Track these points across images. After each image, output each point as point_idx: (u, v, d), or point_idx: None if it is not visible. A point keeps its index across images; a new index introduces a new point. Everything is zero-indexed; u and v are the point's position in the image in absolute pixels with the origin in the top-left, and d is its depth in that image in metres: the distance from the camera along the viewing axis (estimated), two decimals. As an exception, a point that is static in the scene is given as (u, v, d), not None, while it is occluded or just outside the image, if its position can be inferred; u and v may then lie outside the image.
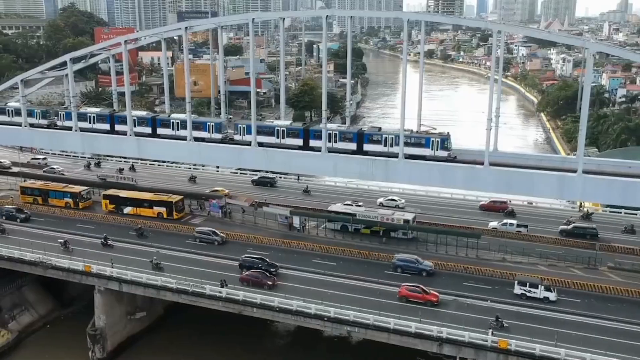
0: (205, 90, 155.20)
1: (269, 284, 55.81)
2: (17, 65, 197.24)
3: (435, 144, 61.38)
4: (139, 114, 76.52)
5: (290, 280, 57.91)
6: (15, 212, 74.98)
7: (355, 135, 64.49)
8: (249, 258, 60.11)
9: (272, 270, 58.21)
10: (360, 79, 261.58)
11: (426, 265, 59.08)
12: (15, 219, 73.95)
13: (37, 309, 68.44)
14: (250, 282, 56.22)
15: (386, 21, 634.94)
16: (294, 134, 66.49)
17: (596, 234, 66.97)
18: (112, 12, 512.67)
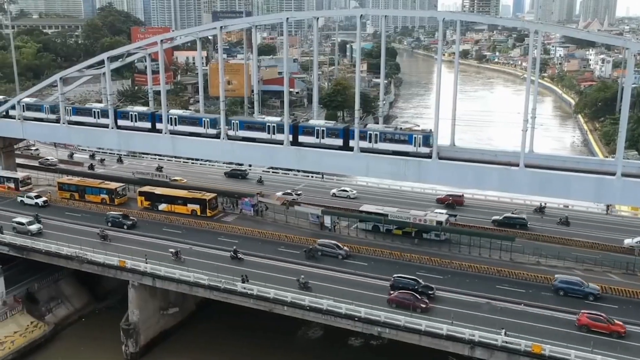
0: (238, 89, 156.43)
1: (421, 306, 50.87)
2: (56, 63, 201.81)
3: (418, 141, 62.90)
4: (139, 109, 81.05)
5: (319, 279, 57.61)
6: (121, 219, 72.22)
7: (341, 132, 66.59)
8: (401, 278, 54.32)
9: (430, 293, 53.24)
10: (393, 79, 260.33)
11: (593, 289, 53.29)
12: (122, 225, 71.45)
13: (73, 302, 69.90)
14: (400, 304, 51.40)
15: (420, 21, 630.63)
16: (283, 130, 68.34)
17: (525, 224, 69.81)
18: (148, 12, 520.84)
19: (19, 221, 70.16)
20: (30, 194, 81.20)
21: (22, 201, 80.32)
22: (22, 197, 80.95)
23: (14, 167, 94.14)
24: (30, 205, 79.24)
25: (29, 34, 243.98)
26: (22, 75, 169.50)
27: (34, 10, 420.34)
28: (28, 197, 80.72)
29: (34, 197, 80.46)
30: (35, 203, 79.23)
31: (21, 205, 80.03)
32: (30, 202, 79.69)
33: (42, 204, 79.44)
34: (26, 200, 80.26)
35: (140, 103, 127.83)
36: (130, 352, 60.25)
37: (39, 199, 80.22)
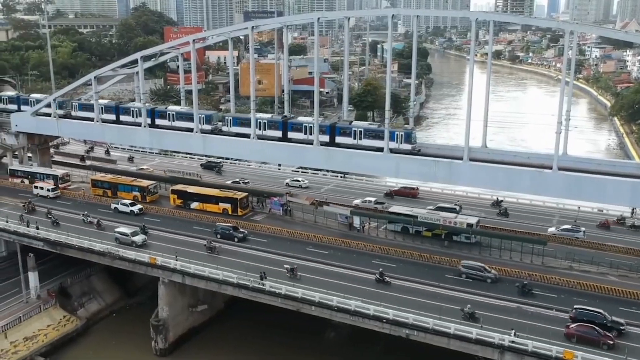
0: (269, 89, 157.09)
1: (608, 343, 45.72)
2: (90, 62, 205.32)
3: (400, 137, 64.93)
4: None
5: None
6: (232, 231, 68.02)
7: (328, 128, 68.74)
8: (584, 311, 49.12)
9: (621, 329, 47.86)
10: (424, 79, 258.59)
11: None
12: (232, 238, 67.18)
13: (104, 297, 71.06)
14: (582, 338, 46.25)
15: (452, 21, 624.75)
16: (274, 126, 71.07)
17: (457, 212, 71.97)
18: (181, 12, 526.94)
19: (122, 232, 66.55)
20: (124, 201, 77.58)
21: (117, 208, 76.78)
22: (117, 204, 77.53)
23: (49, 163, 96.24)
24: (125, 213, 75.83)
25: (65, 33, 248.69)
26: (58, 74, 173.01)
27: (70, 10, 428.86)
28: (122, 204, 77.22)
29: (129, 205, 76.90)
30: (130, 211, 75.87)
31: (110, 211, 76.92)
32: (125, 209, 76.25)
33: (137, 212, 75.84)
34: (120, 207, 76.76)
35: (172, 102, 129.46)
36: (159, 348, 60.95)
37: (134, 206, 76.68)
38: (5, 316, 61.82)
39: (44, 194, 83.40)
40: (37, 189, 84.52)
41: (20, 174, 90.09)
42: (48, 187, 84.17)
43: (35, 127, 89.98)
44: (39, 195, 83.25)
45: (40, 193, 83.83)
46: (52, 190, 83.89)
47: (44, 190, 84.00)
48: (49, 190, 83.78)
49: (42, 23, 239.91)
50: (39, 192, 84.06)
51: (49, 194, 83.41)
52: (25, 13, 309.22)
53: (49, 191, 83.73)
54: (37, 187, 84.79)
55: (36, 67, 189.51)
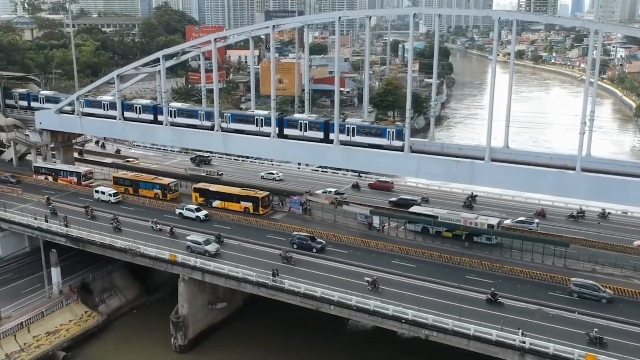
0: (289, 88, 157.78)
1: None
2: (113, 61, 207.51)
3: (391, 134, 66.37)
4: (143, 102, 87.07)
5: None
6: (309, 241, 64.47)
7: (322, 125, 70.52)
8: None
9: None
10: (446, 79, 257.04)
11: None
12: (310, 248, 63.73)
13: (125, 294, 71.78)
14: None
15: (474, 20, 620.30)
16: (270, 123, 72.30)
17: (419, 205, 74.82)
18: (202, 11, 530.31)
19: (194, 240, 63.66)
20: (190, 207, 74.49)
21: (181, 214, 74.03)
22: (181, 209, 74.56)
23: (72, 161, 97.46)
24: (190, 218, 73.13)
25: (89, 32, 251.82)
26: (81, 72, 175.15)
27: (94, 9, 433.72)
28: (188, 209, 74.11)
29: (194, 210, 73.88)
30: (196, 217, 73.19)
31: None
32: (191, 215, 73.32)
33: (203, 218, 73.09)
34: (185, 213, 73.75)
35: (193, 101, 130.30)
36: (179, 344, 61.40)
37: (199, 212, 73.78)
38: (29, 311, 62.74)
39: (105, 199, 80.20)
40: (97, 194, 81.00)
41: (44, 170, 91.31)
42: (110, 191, 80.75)
43: (58, 125, 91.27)
44: (99, 200, 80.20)
45: (102, 198, 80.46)
46: (114, 195, 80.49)
47: (105, 195, 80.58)
48: (111, 195, 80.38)
49: (66, 22, 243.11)
50: (100, 197, 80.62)
51: (110, 199, 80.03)
52: (49, 12, 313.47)
53: (111, 196, 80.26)
54: (98, 191, 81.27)
55: (60, 65, 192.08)
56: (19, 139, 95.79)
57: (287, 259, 60.98)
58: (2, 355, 57.23)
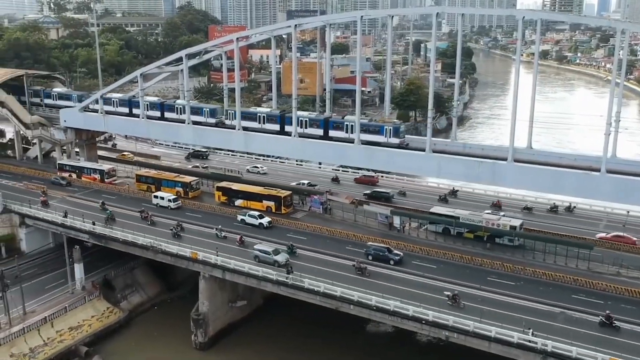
0: (310, 87, 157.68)
1: None
2: (137, 60, 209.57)
3: (388, 132, 67.71)
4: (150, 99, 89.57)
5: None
6: (386, 253, 60.93)
7: (322, 122, 72.36)
8: None
9: None
10: (468, 79, 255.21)
11: None
12: (387, 260, 60.24)
13: (147, 290, 72.41)
14: None
15: (498, 20, 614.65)
16: (273, 120, 75.33)
17: (390, 197, 79.26)
18: (225, 11, 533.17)
19: (263, 250, 60.97)
20: (252, 213, 71.96)
21: (244, 220, 71.69)
22: (244, 216, 71.96)
23: (96, 158, 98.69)
24: (253, 225, 70.62)
25: (113, 31, 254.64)
26: (105, 71, 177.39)
27: (118, 9, 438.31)
28: (251, 216, 71.60)
29: (257, 217, 71.34)
30: (259, 224, 70.71)
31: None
32: (254, 222, 70.83)
33: (267, 225, 70.52)
34: (248, 219, 71.27)
35: (215, 100, 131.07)
36: (199, 341, 61.75)
37: (262, 219, 71.17)
38: (52, 306, 63.63)
39: (164, 205, 77.81)
40: (156, 199, 78.49)
41: (68, 168, 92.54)
42: (169, 197, 78.22)
43: (82, 123, 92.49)
44: (158, 206, 77.91)
45: (160, 204, 78.08)
46: (174, 201, 77.79)
47: (164, 200, 78.12)
48: (170, 200, 77.75)
49: (91, 22, 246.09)
50: (159, 202, 78.19)
51: (170, 204, 77.41)
52: (75, 12, 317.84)
53: (170, 202, 77.65)
54: (157, 197, 78.81)
55: (85, 64, 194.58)
56: (44, 136, 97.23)
57: (361, 271, 57.90)
58: (27, 349, 58.15)
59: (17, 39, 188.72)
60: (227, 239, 66.87)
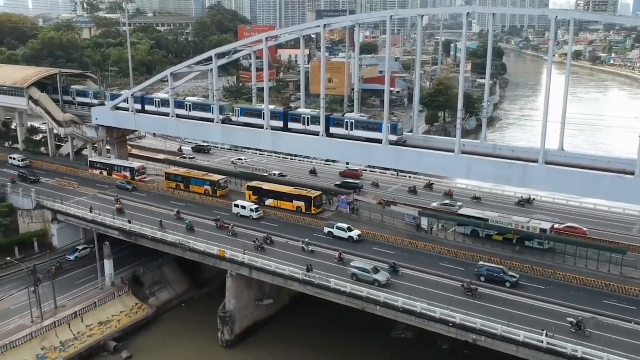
0: (339, 87, 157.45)
1: None
2: (167, 59, 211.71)
3: (387, 129, 68.74)
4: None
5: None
6: (501, 274, 55.66)
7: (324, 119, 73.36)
8: None
9: None
10: (499, 79, 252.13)
11: None
12: (502, 282, 55.16)
13: (174, 287, 73.16)
14: None
15: (530, 19, 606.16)
16: (276, 117, 76.99)
17: (359, 187, 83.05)
18: (254, 11, 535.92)
19: (362, 267, 56.72)
20: (340, 225, 67.21)
21: (331, 233, 67.34)
22: (331, 228, 67.64)
23: (126, 156, 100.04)
24: (341, 238, 66.33)
25: (144, 31, 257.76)
26: (136, 70, 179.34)
27: (149, 8, 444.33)
28: (339, 228, 66.94)
29: (346, 229, 66.57)
30: (348, 237, 66.17)
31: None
32: (342, 234, 66.43)
33: (357, 238, 66.19)
34: (336, 232, 66.90)
35: (244, 99, 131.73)
36: (225, 339, 62.14)
37: (351, 231, 66.79)
38: (82, 301, 64.71)
39: (246, 214, 73.86)
40: (237, 208, 74.60)
41: (99, 165, 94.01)
42: (251, 206, 74.23)
43: (114, 121, 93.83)
44: (239, 215, 74.30)
45: (241, 213, 74.19)
46: (256, 211, 73.71)
47: (245, 210, 74.16)
48: (252, 210, 73.70)
49: (123, 21, 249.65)
50: (240, 211, 74.12)
51: (251, 214, 73.45)
52: (107, 11, 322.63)
53: (252, 211, 73.53)
54: (238, 205, 74.80)
55: (116, 63, 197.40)
56: (76, 134, 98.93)
57: (472, 292, 53.47)
58: (57, 343, 59.22)
59: (51, 38, 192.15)
60: (315, 253, 62.88)
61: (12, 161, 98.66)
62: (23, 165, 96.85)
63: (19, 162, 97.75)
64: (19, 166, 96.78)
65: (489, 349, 48.58)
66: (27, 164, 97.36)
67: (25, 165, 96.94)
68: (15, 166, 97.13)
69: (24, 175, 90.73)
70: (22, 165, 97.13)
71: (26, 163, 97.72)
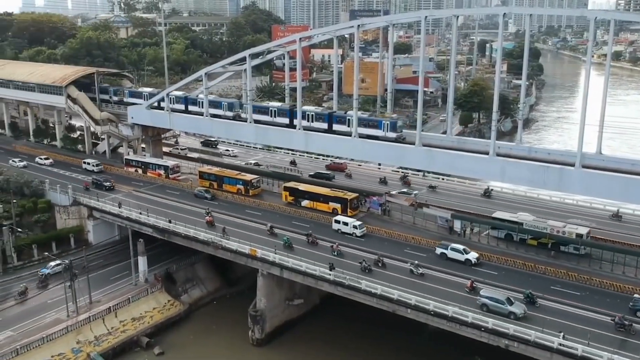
0: (372, 87, 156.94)
1: None
2: (202, 59, 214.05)
3: (386, 126, 71.62)
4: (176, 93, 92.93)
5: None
6: None
7: (326, 117, 76.83)
8: None
9: None
10: (535, 80, 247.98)
11: None
12: None
13: (206, 285, 73.89)
14: None
15: (567, 19, 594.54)
16: (283, 114, 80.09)
17: (330, 178, 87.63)
18: (288, 11, 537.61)
19: (494, 297, 50.64)
20: (456, 246, 60.53)
21: (444, 254, 60.91)
22: (444, 249, 61.16)
23: (161, 154, 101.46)
24: (457, 261, 59.92)
25: (179, 31, 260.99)
26: (171, 69, 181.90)
27: (185, 8, 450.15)
28: (454, 249, 60.49)
29: (462, 251, 60.37)
30: (465, 260, 59.62)
31: None
32: (458, 257, 59.97)
33: (474, 261, 59.54)
34: (451, 253, 60.47)
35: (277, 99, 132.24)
36: (256, 337, 62.53)
37: (468, 254, 59.94)
38: (117, 297, 65.83)
39: (348, 232, 67.64)
40: (337, 224, 68.76)
41: (134, 163, 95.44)
42: (354, 222, 67.86)
43: (149, 120, 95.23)
44: (340, 232, 68.30)
45: (343, 230, 68.02)
46: (359, 228, 67.43)
47: (348, 227, 67.77)
48: (356, 227, 67.33)
49: (159, 21, 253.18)
50: (341, 228, 68.31)
51: (355, 231, 67.22)
52: (143, 12, 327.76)
53: (356, 228, 67.27)
54: (339, 222, 68.89)
55: (152, 62, 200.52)
56: (113, 132, 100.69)
57: (625, 328, 47.67)
58: (92, 337, 60.39)
59: (89, 37, 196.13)
60: (425, 276, 57.43)
61: (86, 166, 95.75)
62: (97, 171, 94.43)
63: (94, 168, 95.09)
64: (93, 171, 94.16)
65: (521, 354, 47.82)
66: (101, 169, 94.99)
67: (100, 171, 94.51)
68: (89, 171, 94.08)
69: (99, 182, 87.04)
70: (97, 170, 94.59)
71: (100, 169, 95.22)
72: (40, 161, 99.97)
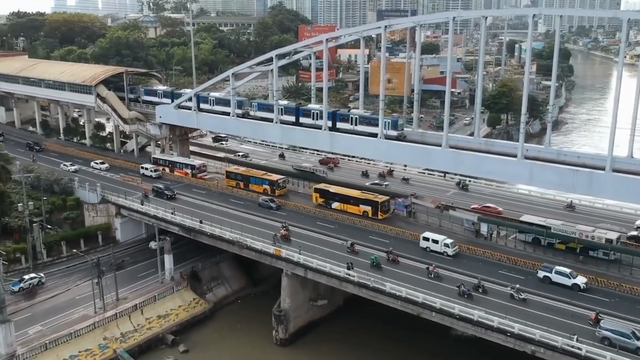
0: (398, 88, 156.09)
1: None
2: (229, 59, 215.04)
3: (387, 125, 73.03)
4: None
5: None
6: None
7: (330, 115, 78.07)
8: None
9: None
10: (565, 81, 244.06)
11: None
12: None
13: (231, 284, 74.36)
14: None
15: (599, 20, 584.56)
16: (289, 112, 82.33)
17: (312, 172, 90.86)
18: (315, 11, 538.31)
19: (618, 331, 45.77)
20: (561, 270, 55.62)
21: (548, 279, 55.67)
22: (548, 272, 55.88)
23: (188, 154, 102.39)
24: (564, 285, 54.54)
25: (207, 31, 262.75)
26: (199, 69, 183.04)
27: (212, 8, 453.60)
28: (559, 273, 55.59)
29: (569, 275, 55.05)
30: (572, 285, 54.31)
31: None
32: (565, 281, 54.81)
33: (583, 286, 54.33)
34: (555, 277, 55.46)
35: (303, 99, 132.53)
36: (280, 337, 62.72)
37: (576, 278, 54.74)
38: (143, 294, 66.62)
39: (438, 250, 62.65)
40: (426, 242, 63.80)
41: (161, 162, 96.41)
42: (445, 240, 62.88)
43: (177, 120, 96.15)
44: (429, 250, 63.45)
45: (432, 247, 63.23)
46: (451, 246, 62.39)
47: (438, 244, 62.79)
48: (447, 245, 62.31)
49: (187, 21, 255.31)
50: (430, 246, 63.41)
51: (446, 250, 62.16)
52: (172, 11, 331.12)
53: (447, 247, 62.25)
54: (428, 239, 63.80)
55: (180, 62, 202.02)
56: (141, 131, 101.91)
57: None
58: (118, 334, 61.21)
59: (118, 37, 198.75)
60: (527, 301, 52.58)
61: (144, 172, 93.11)
62: (156, 177, 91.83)
63: (152, 174, 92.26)
64: (151, 177, 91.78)
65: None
66: (159, 175, 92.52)
67: (158, 177, 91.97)
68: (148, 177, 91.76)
69: (160, 190, 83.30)
70: (155, 176, 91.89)
71: (159, 174, 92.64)
72: (96, 166, 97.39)
